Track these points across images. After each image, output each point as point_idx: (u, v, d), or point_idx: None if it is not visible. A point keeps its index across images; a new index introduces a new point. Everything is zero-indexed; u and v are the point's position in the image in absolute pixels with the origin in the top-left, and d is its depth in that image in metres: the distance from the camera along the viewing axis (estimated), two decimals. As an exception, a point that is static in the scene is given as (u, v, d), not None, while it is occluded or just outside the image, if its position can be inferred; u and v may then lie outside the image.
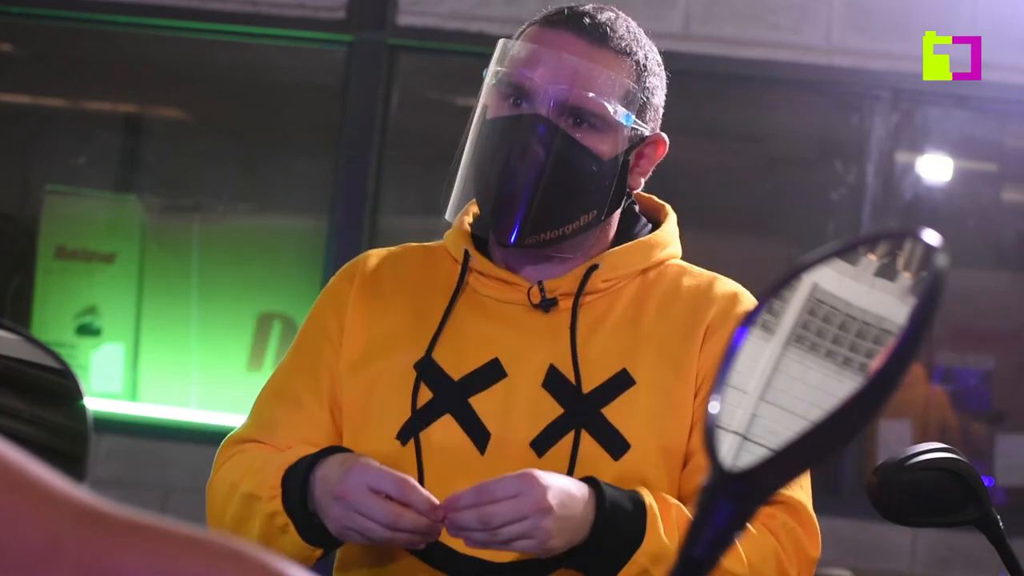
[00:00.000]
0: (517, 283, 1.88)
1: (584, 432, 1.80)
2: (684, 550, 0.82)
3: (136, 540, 0.69)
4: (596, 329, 1.86)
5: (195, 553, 0.70)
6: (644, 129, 1.88)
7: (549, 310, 1.87)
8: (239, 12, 5.14)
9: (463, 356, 1.85)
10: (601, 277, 1.88)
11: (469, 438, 1.81)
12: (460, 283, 1.90)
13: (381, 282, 1.94)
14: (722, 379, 0.87)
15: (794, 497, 1.82)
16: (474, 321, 1.88)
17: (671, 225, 1.98)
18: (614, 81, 1.83)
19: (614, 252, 1.90)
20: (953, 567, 4.83)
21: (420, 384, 1.84)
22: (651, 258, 1.92)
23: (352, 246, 5.04)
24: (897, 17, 4.93)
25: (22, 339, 1.18)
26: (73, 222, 5.43)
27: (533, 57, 1.84)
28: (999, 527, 1.89)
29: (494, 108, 1.87)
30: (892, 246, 0.87)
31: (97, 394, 5.19)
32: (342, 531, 1.72)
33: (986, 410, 5.10)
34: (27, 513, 0.69)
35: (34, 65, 5.85)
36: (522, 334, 1.86)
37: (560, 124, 1.81)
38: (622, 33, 1.87)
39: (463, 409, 1.83)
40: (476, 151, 1.87)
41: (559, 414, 1.82)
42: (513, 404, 1.83)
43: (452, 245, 1.94)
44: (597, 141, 1.83)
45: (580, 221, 1.85)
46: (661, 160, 1.93)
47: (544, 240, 1.84)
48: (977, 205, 5.22)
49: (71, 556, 0.68)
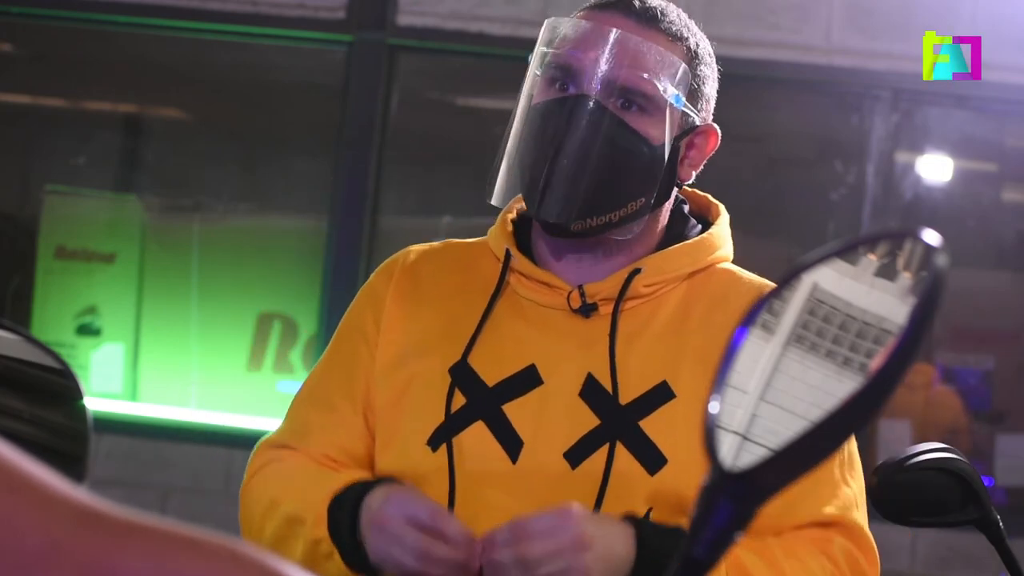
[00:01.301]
0: (558, 286, 1.82)
1: (620, 445, 1.75)
2: (684, 550, 0.82)
3: (135, 541, 0.69)
4: (637, 337, 1.80)
5: (194, 554, 0.70)
6: (695, 116, 1.82)
7: (589, 315, 1.80)
8: (239, 12, 5.14)
9: (499, 361, 1.80)
10: (644, 281, 1.81)
11: (501, 446, 1.76)
12: (500, 283, 1.85)
13: (420, 280, 1.89)
14: (722, 379, 0.87)
15: (851, 518, 1.75)
16: (512, 324, 1.82)
17: (723, 226, 1.90)
18: (664, 60, 1.77)
19: (659, 255, 1.83)
20: (953, 567, 4.83)
21: (454, 389, 1.80)
22: (700, 261, 1.84)
23: (352, 246, 5.04)
24: (897, 17, 4.93)
25: (22, 339, 1.18)
26: (73, 222, 5.43)
27: (580, 37, 1.78)
28: (999, 527, 1.89)
29: (541, 91, 1.81)
30: (892, 246, 0.87)
31: (97, 394, 5.19)
32: (379, 560, 1.68)
33: (986, 410, 5.10)
34: (26, 514, 0.68)
35: (34, 65, 5.85)
36: (560, 340, 1.80)
37: (608, 106, 1.76)
38: (673, 18, 1.82)
39: (496, 416, 1.78)
40: (523, 133, 1.81)
41: (595, 425, 1.76)
42: (548, 413, 1.77)
43: (494, 243, 1.89)
44: (647, 124, 1.77)
45: (628, 208, 1.78)
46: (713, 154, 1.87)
47: (591, 227, 1.77)
48: (977, 205, 5.22)
49: (70, 557, 0.68)
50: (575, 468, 1.75)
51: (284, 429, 1.92)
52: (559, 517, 1.63)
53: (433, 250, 1.93)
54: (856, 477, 1.80)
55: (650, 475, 1.74)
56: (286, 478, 1.84)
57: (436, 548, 1.63)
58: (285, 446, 1.89)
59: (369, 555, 1.70)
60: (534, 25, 1.93)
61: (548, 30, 1.82)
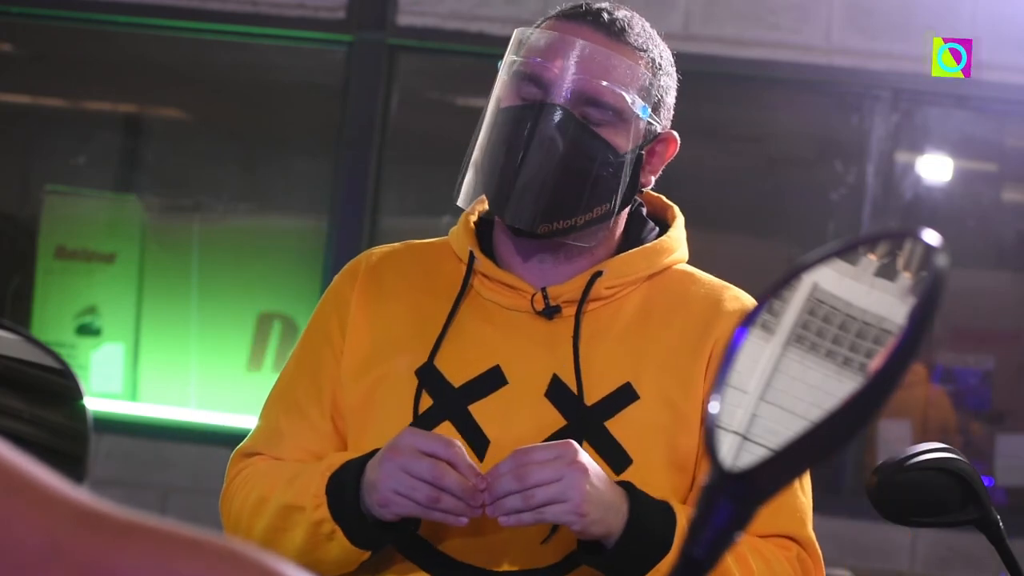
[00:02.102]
0: (521, 288, 1.86)
1: (586, 445, 1.78)
2: (684, 550, 0.83)
3: (135, 542, 0.69)
4: (600, 339, 1.84)
5: (194, 555, 0.70)
6: (657, 125, 1.87)
7: (553, 317, 1.85)
8: (239, 12, 5.14)
9: (464, 362, 1.84)
10: (605, 284, 1.86)
11: (468, 445, 1.79)
12: (464, 285, 1.88)
13: (384, 281, 1.92)
14: (722, 379, 0.87)
15: (807, 535, 1.83)
16: (476, 326, 1.86)
17: (678, 229, 1.96)
18: (632, 73, 1.82)
19: (619, 258, 1.88)
20: (953, 567, 4.83)
21: (421, 391, 1.83)
22: (657, 264, 1.90)
23: (352, 246, 5.04)
24: (897, 17, 4.93)
25: (22, 339, 1.18)
26: (73, 222, 5.43)
27: (551, 47, 1.82)
28: (999, 527, 1.89)
29: (509, 97, 1.85)
30: (892, 246, 0.87)
31: (97, 394, 5.18)
32: (388, 497, 1.70)
33: (986, 410, 5.10)
34: (25, 515, 0.68)
35: (34, 65, 5.85)
36: (524, 342, 1.84)
37: (577, 114, 1.80)
38: (639, 30, 1.87)
39: (463, 416, 1.81)
40: (491, 138, 1.85)
41: (561, 425, 1.80)
42: (514, 412, 1.81)
43: (457, 244, 1.92)
44: (613, 133, 1.82)
45: (593, 213, 1.83)
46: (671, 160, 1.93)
47: (556, 229, 1.82)
48: (977, 205, 5.22)
49: (69, 558, 0.68)
50: None
51: (256, 436, 1.95)
52: (560, 445, 1.68)
53: (395, 251, 1.97)
54: (807, 487, 1.87)
55: (616, 474, 1.78)
56: (270, 476, 1.86)
57: (449, 474, 1.67)
58: (258, 454, 1.92)
59: (376, 498, 1.71)
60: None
61: (518, 38, 1.87)
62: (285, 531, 1.82)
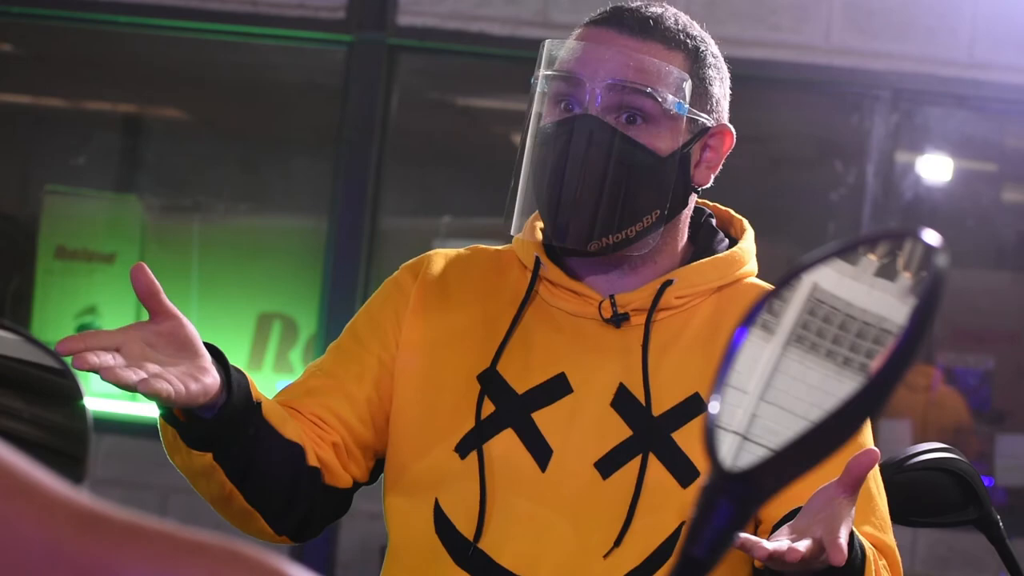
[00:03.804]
0: (588, 295, 1.80)
1: (652, 456, 1.74)
2: (684, 550, 0.82)
3: (136, 544, 0.69)
4: (669, 349, 1.79)
5: (196, 557, 0.69)
6: (705, 120, 1.81)
7: (620, 325, 1.79)
8: (239, 12, 5.14)
9: (529, 369, 1.79)
10: (675, 293, 1.80)
11: (530, 454, 1.75)
12: (529, 291, 1.83)
13: (447, 283, 1.87)
14: (722, 379, 0.87)
15: (890, 543, 1.77)
16: (542, 332, 1.81)
17: (749, 241, 1.90)
18: (662, 70, 1.75)
19: (690, 268, 1.82)
20: (953, 567, 4.83)
21: (484, 396, 1.78)
22: (728, 276, 1.84)
23: (352, 246, 5.04)
24: (897, 17, 4.93)
25: (22, 339, 1.18)
26: (73, 222, 5.43)
27: (575, 56, 1.77)
28: (999, 527, 1.90)
29: (546, 114, 1.80)
30: (892, 246, 0.87)
31: (97, 394, 5.18)
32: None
33: (986, 410, 5.10)
34: (25, 518, 0.68)
35: (34, 65, 5.85)
36: (591, 349, 1.79)
37: (611, 122, 1.75)
38: (669, 24, 1.80)
39: (526, 423, 1.76)
40: (531, 160, 1.80)
41: (627, 436, 1.75)
42: (578, 421, 1.76)
43: (522, 252, 1.86)
44: (652, 136, 1.76)
45: (644, 222, 1.76)
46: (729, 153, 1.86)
47: (609, 244, 1.76)
48: (977, 205, 5.22)
49: (70, 561, 0.68)
50: (606, 478, 1.74)
51: (289, 389, 1.88)
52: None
53: (460, 256, 1.91)
54: (882, 490, 1.80)
55: (682, 488, 1.73)
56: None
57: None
58: (286, 405, 1.84)
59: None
60: (534, 25, 1.94)
61: (547, 52, 1.81)
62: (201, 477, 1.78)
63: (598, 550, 1.73)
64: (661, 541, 1.73)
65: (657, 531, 1.73)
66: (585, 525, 1.73)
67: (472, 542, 1.74)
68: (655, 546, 1.73)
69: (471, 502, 1.75)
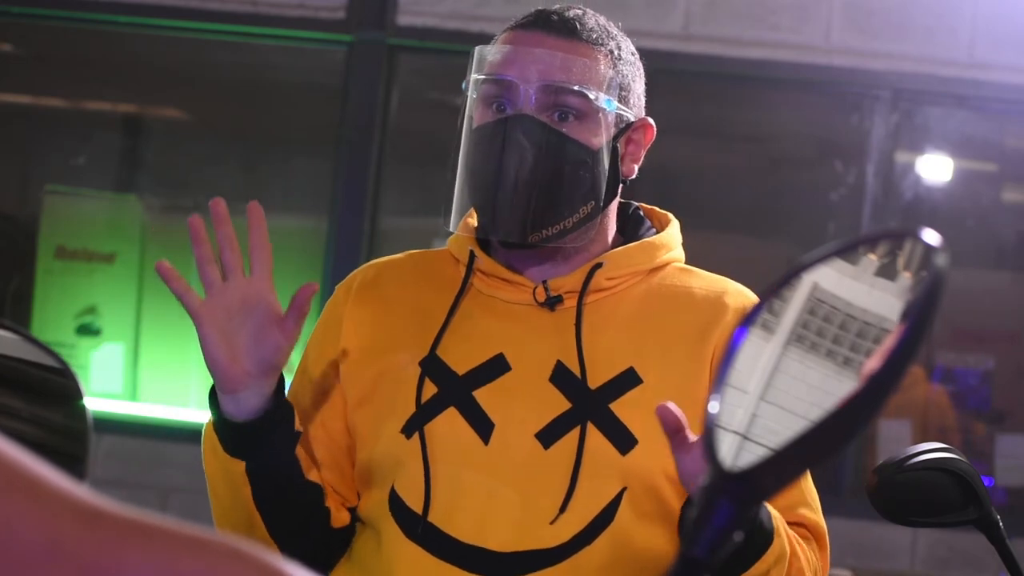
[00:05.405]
0: (522, 283, 1.89)
1: (591, 425, 1.81)
2: (684, 550, 0.82)
3: (137, 540, 0.69)
4: (603, 328, 1.87)
5: (197, 553, 0.70)
6: (628, 114, 1.90)
7: (555, 308, 1.87)
8: (239, 12, 5.14)
9: (468, 352, 1.86)
10: (605, 275, 1.88)
11: (473, 429, 1.82)
12: (465, 282, 1.91)
13: (382, 288, 1.95)
14: (722, 379, 0.87)
15: (820, 523, 1.88)
16: (479, 318, 1.89)
17: (674, 229, 1.99)
18: (590, 69, 1.85)
19: (618, 251, 1.91)
20: (953, 567, 4.83)
21: (424, 380, 1.85)
22: (655, 258, 1.93)
23: (352, 246, 5.04)
24: (897, 17, 4.93)
25: (22, 339, 1.18)
26: (73, 222, 5.43)
27: (507, 58, 1.87)
28: (999, 527, 1.90)
29: (479, 116, 1.89)
30: (892, 246, 0.87)
31: (97, 394, 5.18)
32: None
33: (986, 410, 5.10)
34: (26, 513, 0.68)
35: (34, 65, 5.85)
36: (528, 331, 1.87)
37: (544, 120, 1.84)
38: (591, 25, 1.89)
39: (467, 401, 1.84)
40: (468, 160, 1.89)
41: (566, 408, 1.82)
42: (518, 396, 1.83)
43: (456, 247, 1.95)
44: (584, 132, 1.85)
45: (580, 213, 1.85)
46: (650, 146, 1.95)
47: (548, 236, 1.85)
48: (977, 205, 5.22)
49: (71, 556, 0.68)
50: (548, 448, 1.81)
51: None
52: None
53: (393, 261, 2.01)
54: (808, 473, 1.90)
55: (621, 455, 1.81)
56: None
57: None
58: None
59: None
60: (534, 25, 1.94)
61: (477, 56, 1.92)
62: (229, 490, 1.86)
63: (544, 516, 1.79)
64: (603, 506, 1.80)
65: (599, 496, 1.80)
66: (530, 493, 1.80)
67: (421, 516, 1.81)
68: (598, 510, 1.80)
69: (419, 479, 1.82)
